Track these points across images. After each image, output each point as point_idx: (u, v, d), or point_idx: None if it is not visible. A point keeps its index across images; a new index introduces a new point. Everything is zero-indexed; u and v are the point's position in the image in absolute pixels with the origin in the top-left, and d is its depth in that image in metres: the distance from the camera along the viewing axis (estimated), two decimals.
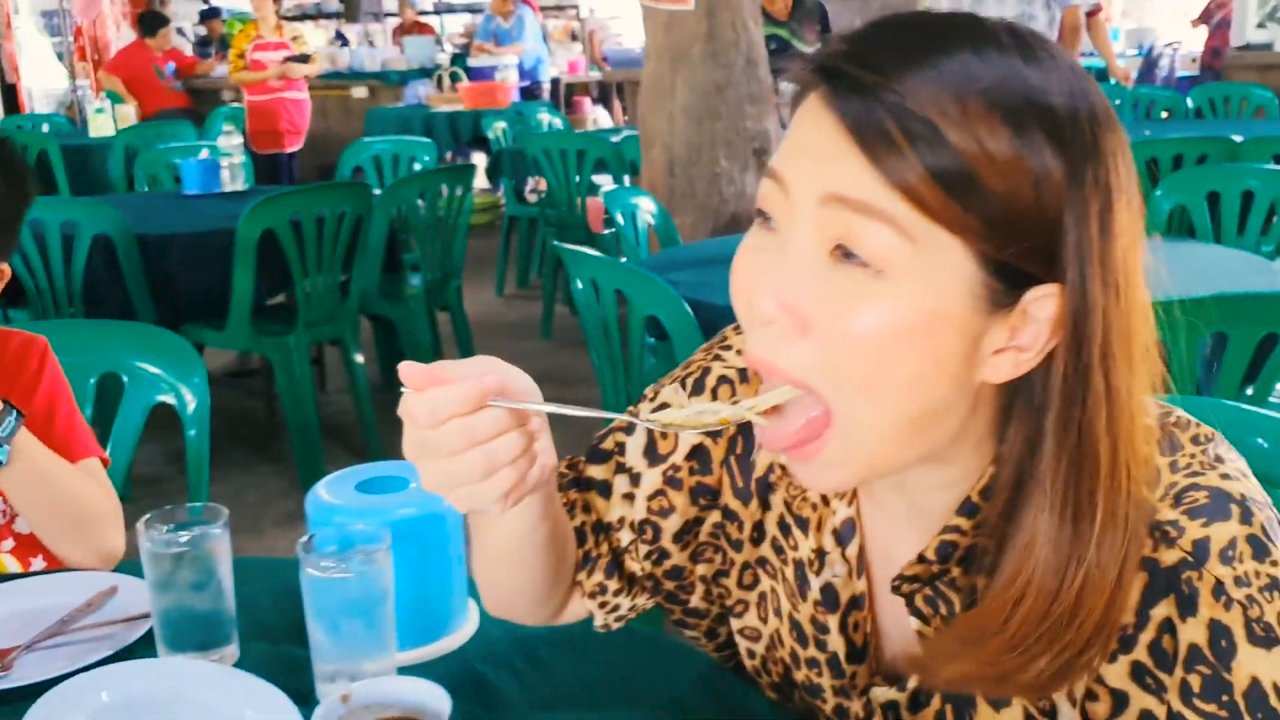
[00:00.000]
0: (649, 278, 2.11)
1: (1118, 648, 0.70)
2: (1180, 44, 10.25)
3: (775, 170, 0.70)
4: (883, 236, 0.65)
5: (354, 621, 0.94)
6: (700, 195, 3.52)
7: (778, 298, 0.67)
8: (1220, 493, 0.69)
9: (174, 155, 4.78)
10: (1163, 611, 0.69)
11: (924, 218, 0.64)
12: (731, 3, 3.42)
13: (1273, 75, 6.48)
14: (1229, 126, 4.89)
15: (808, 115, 0.68)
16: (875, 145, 0.64)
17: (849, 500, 0.83)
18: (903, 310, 0.65)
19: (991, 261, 0.65)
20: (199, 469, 1.69)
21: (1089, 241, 0.65)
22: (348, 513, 1.02)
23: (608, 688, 0.98)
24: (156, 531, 1.02)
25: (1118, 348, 0.67)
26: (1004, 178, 0.64)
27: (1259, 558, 0.67)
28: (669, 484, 0.91)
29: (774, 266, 0.68)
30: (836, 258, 0.66)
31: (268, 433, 4.02)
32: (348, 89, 8.99)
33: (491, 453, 0.70)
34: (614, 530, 0.93)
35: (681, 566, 0.93)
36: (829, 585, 0.84)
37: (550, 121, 6.58)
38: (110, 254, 3.17)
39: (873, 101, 0.64)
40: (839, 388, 0.68)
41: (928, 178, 0.63)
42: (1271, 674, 0.66)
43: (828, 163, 0.66)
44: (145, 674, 0.98)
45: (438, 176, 3.95)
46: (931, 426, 0.70)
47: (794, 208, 0.68)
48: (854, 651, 0.85)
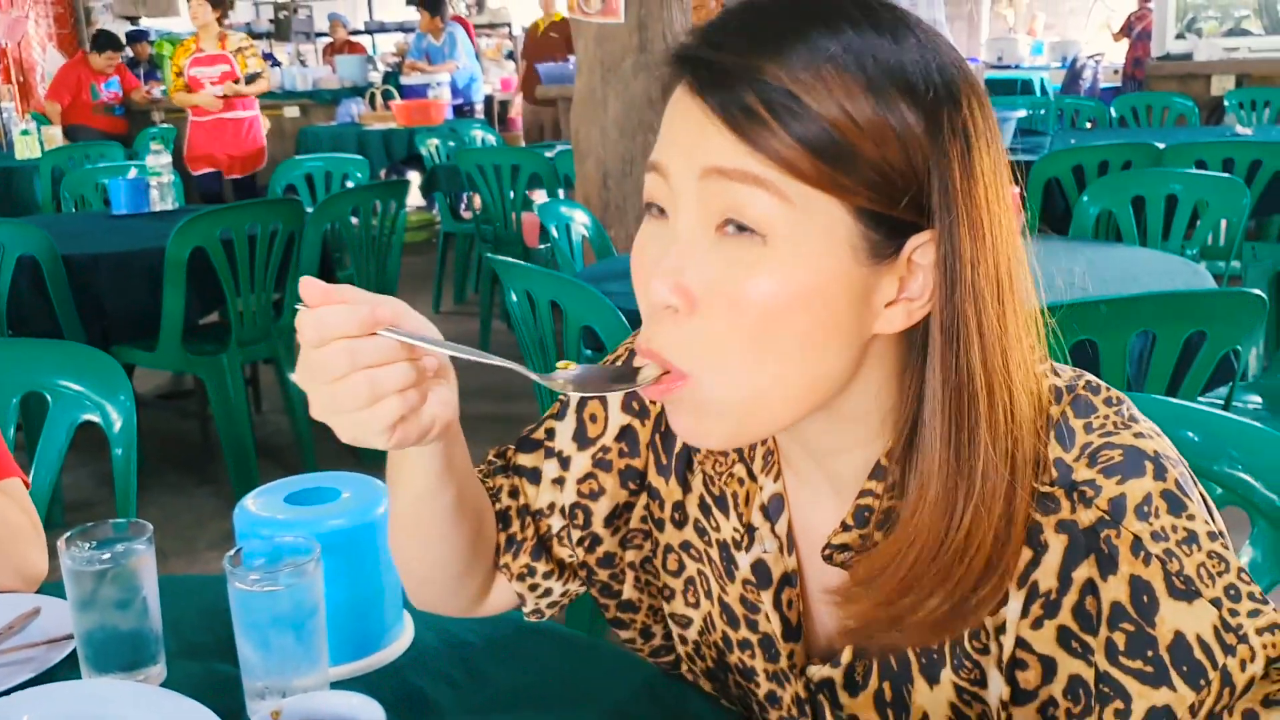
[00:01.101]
0: (583, 288, 2.11)
1: (1042, 613, 0.71)
2: (1103, 56, 10.48)
3: (654, 162, 0.72)
4: (761, 202, 0.67)
5: (284, 636, 0.92)
6: (634, 207, 3.52)
7: (669, 280, 0.69)
8: (1134, 450, 0.70)
9: (101, 175, 4.70)
10: (1084, 573, 0.70)
11: (798, 182, 0.66)
12: (662, 15, 3.44)
13: (1193, 85, 6.63)
14: (1152, 134, 5.00)
15: (676, 107, 0.71)
16: (742, 123, 0.66)
17: (775, 475, 0.84)
18: (789, 272, 0.67)
19: (867, 214, 0.68)
20: (126, 489, 1.65)
21: (952, 187, 0.68)
22: (276, 525, 0.99)
23: (546, 697, 0.97)
24: (78, 549, 0.99)
25: (985, 287, 0.69)
26: (868, 138, 0.66)
27: (1174, 512, 0.68)
28: (598, 466, 0.92)
29: (664, 252, 0.70)
30: (722, 233, 0.68)
31: (202, 454, 3.96)
32: (280, 108, 8.90)
33: (376, 379, 0.69)
34: (543, 516, 0.93)
35: (613, 553, 0.93)
36: (760, 561, 0.84)
37: (484, 138, 6.57)
38: (36, 275, 3.10)
39: (734, 83, 0.67)
40: (717, 363, 0.70)
41: (797, 147, 0.66)
42: (1194, 626, 0.67)
43: (701, 142, 0.68)
44: (68, 696, 0.95)
45: (371, 192, 3.92)
46: (821, 382, 0.71)
47: (676, 191, 0.70)
48: (789, 630, 0.84)
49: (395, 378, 0.70)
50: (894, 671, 0.79)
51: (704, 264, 0.69)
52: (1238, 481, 1.09)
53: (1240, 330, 1.83)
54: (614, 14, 3.37)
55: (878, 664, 0.80)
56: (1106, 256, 2.52)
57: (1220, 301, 1.90)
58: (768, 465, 0.84)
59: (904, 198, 0.68)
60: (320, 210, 3.63)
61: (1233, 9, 7.20)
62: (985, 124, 0.70)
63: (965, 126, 0.69)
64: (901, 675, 0.79)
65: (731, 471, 0.86)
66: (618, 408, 0.92)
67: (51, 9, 10.02)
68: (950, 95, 0.69)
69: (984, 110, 0.71)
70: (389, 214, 3.89)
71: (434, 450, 0.79)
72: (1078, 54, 10.52)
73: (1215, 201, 3.18)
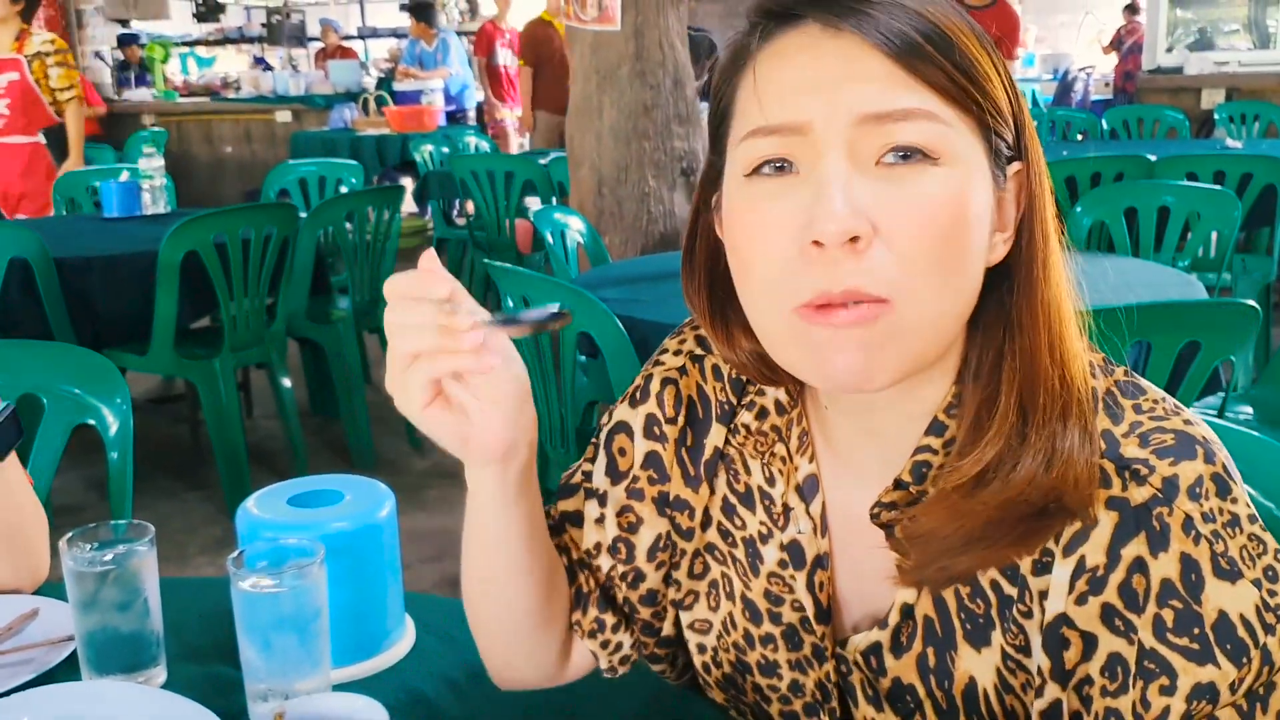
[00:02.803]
0: (580, 294, 2.11)
1: (1087, 589, 0.71)
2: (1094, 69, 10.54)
3: (782, 124, 0.70)
4: (925, 129, 0.69)
5: (287, 638, 0.92)
6: (629, 215, 3.52)
7: (849, 205, 0.68)
8: (1185, 435, 0.72)
9: (93, 178, 4.68)
10: (1134, 550, 0.70)
11: (947, 105, 0.70)
12: (659, 23, 3.44)
13: (1183, 98, 6.67)
14: (1143, 146, 5.02)
15: (801, 51, 0.71)
16: (900, 51, 0.69)
17: (810, 457, 0.84)
18: (955, 189, 0.70)
19: (989, 135, 0.72)
20: (121, 493, 1.65)
21: (1028, 125, 0.75)
22: (279, 527, 0.99)
23: (548, 701, 0.97)
24: (80, 550, 0.99)
25: (1050, 227, 0.74)
26: (983, 59, 0.71)
27: (1222, 495, 0.70)
28: (632, 497, 0.91)
29: (828, 184, 0.69)
30: (883, 165, 0.69)
31: (193, 459, 3.94)
32: (271, 113, 8.91)
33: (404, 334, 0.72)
34: (593, 558, 0.93)
35: (655, 590, 0.92)
36: (795, 542, 0.85)
37: (478, 145, 6.57)
38: (27, 278, 3.09)
39: (880, 11, 0.69)
40: (912, 283, 0.69)
41: (948, 68, 0.69)
42: (1238, 606, 0.69)
43: (853, 84, 0.69)
44: (69, 698, 0.94)
45: (365, 198, 3.92)
46: (968, 309, 0.74)
47: (821, 141, 0.70)
48: (820, 611, 0.85)
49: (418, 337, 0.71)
50: (938, 637, 0.79)
51: (876, 190, 0.69)
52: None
53: (1234, 341, 1.84)
54: (610, 22, 3.37)
55: (922, 629, 0.80)
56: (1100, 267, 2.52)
57: (1215, 312, 1.92)
58: (802, 446, 0.85)
59: (1008, 121, 0.73)
60: (315, 215, 3.62)
61: (1222, 24, 7.24)
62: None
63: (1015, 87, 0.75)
64: (946, 641, 0.79)
65: (773, 450, 0.87)
66: (641, 435, 0.92)
67: (42, 11, 9.98)
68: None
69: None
70: (383, 220, 3.88)
71: (501, 492, 0.81)
72: (1069, 67, 10.57)
73: (1207, 214, 3.20)
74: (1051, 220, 0.75)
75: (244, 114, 9.05)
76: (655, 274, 2.69)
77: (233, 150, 9.01)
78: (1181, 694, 0.69)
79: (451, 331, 0.70)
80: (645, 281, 2.60)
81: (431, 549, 2.97)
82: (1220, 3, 7.26)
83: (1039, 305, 0.73)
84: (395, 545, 1.05)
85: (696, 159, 3.60)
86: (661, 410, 0.91)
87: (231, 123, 9.03)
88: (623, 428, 0.92)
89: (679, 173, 3.55)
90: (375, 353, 4.29)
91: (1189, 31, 7.27)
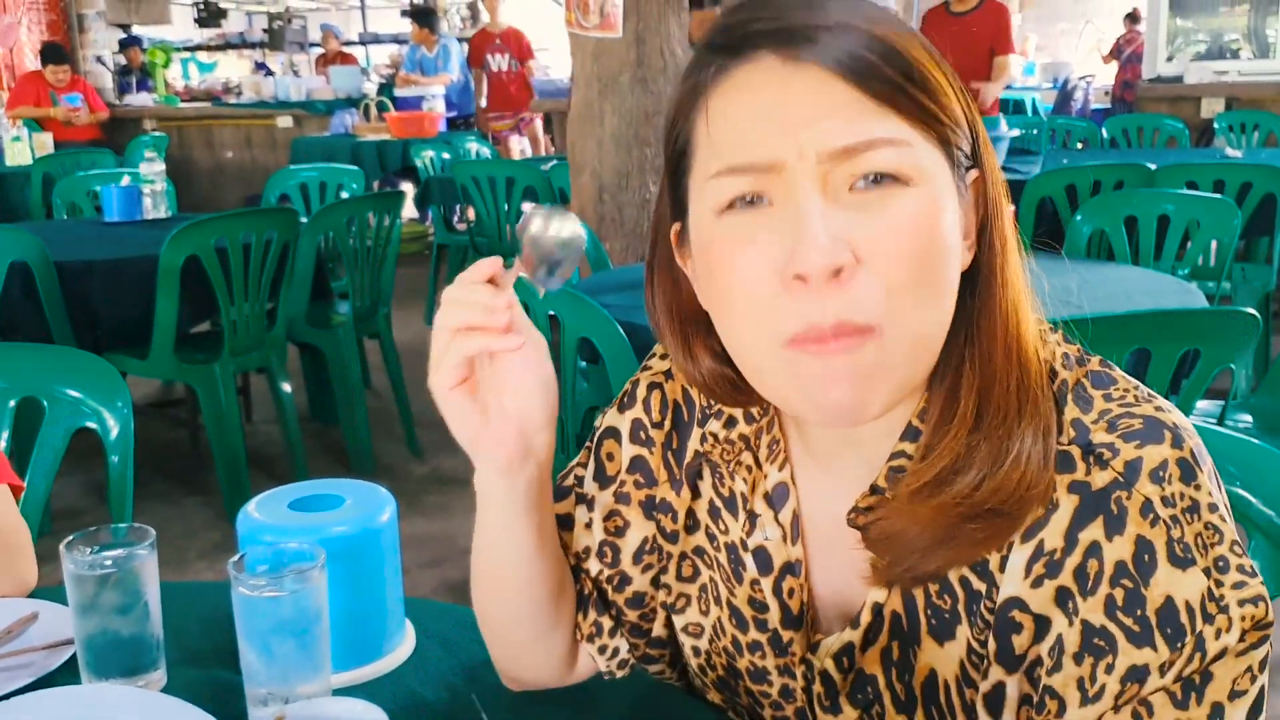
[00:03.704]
0: (581, 299, 2.11)
1: (1044, 572, 0.72)
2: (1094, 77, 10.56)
3: (751, 163, 0.70)
4: (894, 155, 0.69)
5: (287, 642, 0.92)
6: (630, 221, 3.53)
7: (829, 235, 0.68)
8: (1154, 420, 0.72)
9: (94, 183, 4.69)
10: (1090, 535, 0.71)
11: (911, 126, 0.70)
12: (660, 30, 3.45)
13: (1183, 107, 6.67)
14: (1143, 155, 5.03)
15: (763, 87, 0.70)
16: (864, 77, 0.69)
17: (781, 465, 0.85)
18: (927, 207, 0.70)
19: (948, 148, 0.72)
20: (121, 497, 1.65)
21: (980, 133, 0.75)
22: (280, 531, 0.99)
23: (548, 705, 0.97)
24: (80, 553, 0.98)
25: (1007, 233, 0.75)
26: (935, 72, 0.71)
27: (1185, 481, 0.70)
28: (619, 501, 0.92)
29: (807, 219, 0.68)
30: (856, 191, 0.70)
31: (192, 464, 3.94)
32: (272, 118, 8.92)
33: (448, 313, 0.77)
34: (583, 561, 0.94)
35: (642, 593, 0.93)
36: (761, 548, 0.85)
37: (479, 150, 6.57)
38: (28, 282, 3.09)
39: (839, 40, 0.69)
40: (897, 308, 0.69)
41: (905, 88, 0.69)
42: (1184, 593, 0.69)
43: (820, 120, 0.69)
44: (68, 702, 0.94)
45: (366, 203, 3.92)
46: (945, 333, 0.74)
47: (794, 177, 0.69)
48: (789, 617, 0.85)
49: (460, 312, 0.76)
50: (903, 632, 0.80)
51: (852, 219, 0.69)
52: (1235, 498, 1.10)
53: (1234, 348, 1.84)
54: (612, 29, 3.38)
55: (889, 623, 0.80)
56: (1100, 275, 2.53)
57: (1215, 320, 1.92)
58: (773, 454, 0.85)
59: (965, 131, 0.73)
60: (315, 220, 3.62)
61: (1222, 33, 7.25)
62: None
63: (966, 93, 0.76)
64: (910, 636, 0.80)
65: (739, 459, 0.87)
66: (628, 440, 0.92)
67: (44, 15, 10.01)
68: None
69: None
70: (384, 225, 3.88)
71: (510, 503, 0.83)
72: (1069, 75, 10.59)
73: (1207, 222, 3.20)
74: (1009, 225, 0.76)
75: (245, 119, 9.06)
76: None
77: (234, 155, 9.02)
78: (1117, 673, 0.69)
79: (490, 310, 0.75)
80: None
81: (431, 555, 2.94)
82: (1220, 12, 7.27)
83: (996, 311, 0.74)
84: (396, 550, 1.05)
85: None
86: (648, 415, 0.92)
87: (232, 128, 9.05)
88: (611, 433, 0.93)
89: None
90: (375, 358, 4.29)
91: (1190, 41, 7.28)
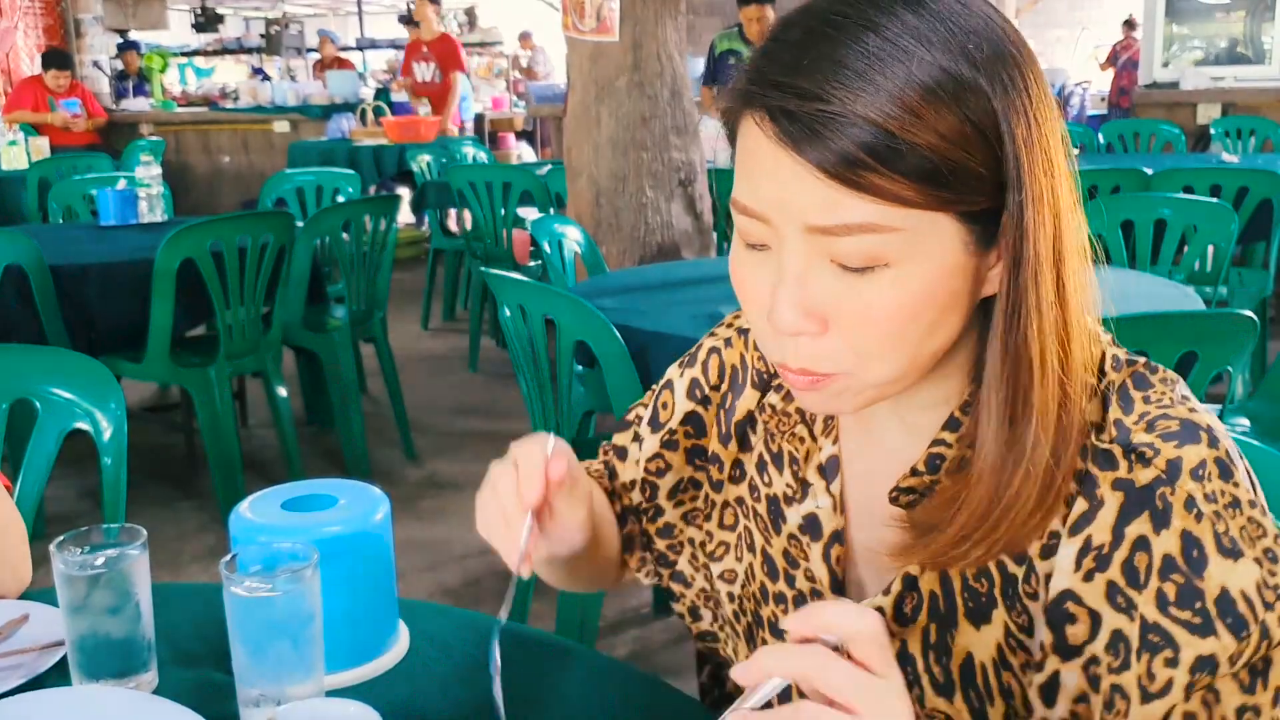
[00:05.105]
0: (577, 302, 2.10)
1: (1094, 566, 0.74)
2: (1090, 84, 10.58)
3: (748, 207, 0.73)
4: (871, 241, 0.69)
5: (280, 642, 0.91)
6: (626, 226, 3.52)
7: (797, 310, 0.72)
8: (1189, 422, 0.74)
9: (89, 186, 4.68)
10: (1137, 529, 0.73)
11: (903, 209, 0.68)
12: (657, 34, 3.45)
13: (1179, 112, 6.68)
14: (1140, 160, 5.04)
15: (762, 153, 0.71)
16: (845, 174, 0.67)
17: (834, 438, 0.89)
18: (913, 287, 0.71)
19: (969, 215, 0.71)
20: (115, 499, 1.64)
21: (1016, 166, 0.70)
22: (273, 531, 0.98)
23: (540, 706, 0.96)
24: (70, 554, 0.98)
25: (1045, 261, 0.72)
26: (957, 147, 0.68)
27: (1224, 478, 0.72)
28: (665, 447, 1.00)
29: (784, 283, 0.72)
30: (838, 265, 0.71)
31: (188, 468, 3.93)
32: (269, 123, 8.92)
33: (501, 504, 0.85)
34: (628, 490, 1.03)
35: (672, 524, 1.02)
36: (813, 515, 0.89)
37: (475, 155, 6.57)
38: (23, 285, 3.08)
39: (829, 133, 0.67)
40: (866, 363, 0.74)
41: (902, 180, 0.67)
42: (1239, 583, 0.71)
43: (799, 195, 0.69)
44: (59, 703, 0.94)
45: (362, 207, 3.91)
46: (945, 346, 0.76)
47: (780, 234, 0.72)
48: (835, 582, 0.88)
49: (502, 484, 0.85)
50: (941, 614, 0.82)
51: (827, 290, 0.72)
52: None
53: (1231, 351, 1.84)
54: (609, 32, 3.38)
55: (927, 604, 0.82)
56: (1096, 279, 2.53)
57: (1212, 322, 1.92)
58: (828, 429, 0.89)
59: (988, 190, 0.70)
60: (311, 224, 3.61)
61: (1219, 39, 7.26)
62: (1040, 93, 0.72)
63: (1027, 102, 0.71)
64: (948, 618, 0.81)
65: (794, 431, 0.91)
66: (684, 395, 1.00)
67: (41, 20, 10.00)
68: (1006, 74, 0.70)
69: (1037, 80, 0.72)
70: (380, 229, 3.87)
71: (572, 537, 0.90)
72: (1065, 81, 10.61)
73: (1204, 226, 3.20)
74: (1050, 246, 0.72)
75: (242, 124, 9.06)
76: (653, 284, 2.69)
77: (230, 160, 9.02)
78: (1185, 666, 0.71)
79: (515, 507, 0.83)
80: (642, 291, 2.59)
81: (426, 559, 2.94)
82: (1217, 19, 7.28)
83: (1029, 337, 0.73)
84: (390, 550, 1.04)
85: (694, 170, 3.60)
86: (705, 376, 0.99)
87: (229, 133, 9.04)
88: (669, 385, 1.02)
89: (676, 183, 3.55)
90: (371, 362, 4.28)
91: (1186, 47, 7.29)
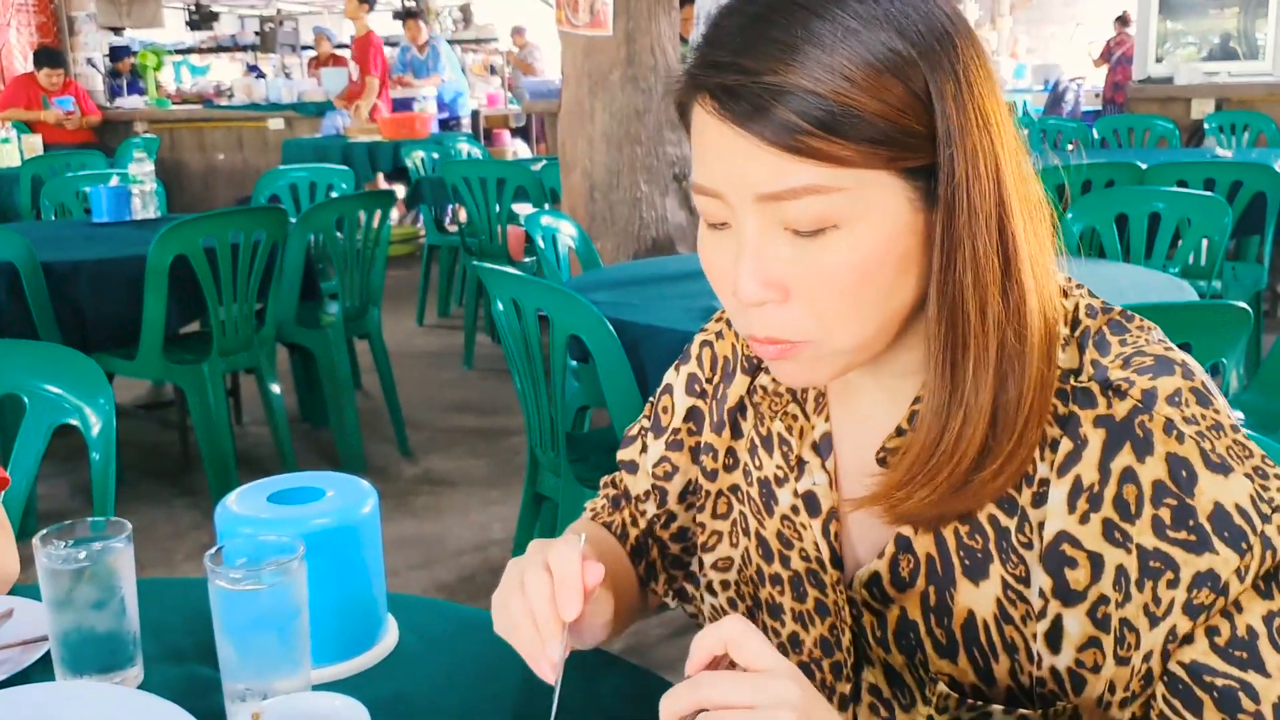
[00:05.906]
0: (571, 296, 2.10)
1: (1087, 507, 0.74)
2: (1084, 79, 10.58)
3: (704, 186, 0.76)
4: (819, 203, 0.72)
5: (266, 636, 0.90)
6: (621, 220, 3.52)
7: (756, 280, 0.75)
8: (1164, 358, 0.76)
9: (83, 183, 4.66)
10: (1122, 462, 0.73)
11: (846, 170, 0.71)
12: (650, 28, 3.44)
13: (1173, 107, 6.68)
14: (1134, 155, 5.03)
15: (710, 133, 0.74)
16: (789, 142, 0.70)
17: (826, 416, 0.90)
18: (864, 247, 0.73)
19: (911, 170, 0.73)
20: (104, 493, 1.63)
21: (950, 124, 0.72)
22: (259, 524, 0.98)
23: (528, 701, 0.95)
24: (54, 548, 0.97)
25: (982, 215, 0.74)
26: (893, 108, 0.71)
27: (1202, 405, 0.74)
28: (670, 449, 1.02)
29: (743, 256, 0.75)
30: (791, 232, 0.74)
31: (181, 465, 3.92)
32: (264, 120, 8.90)
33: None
34: (641, 504, 1.04)
35: (686, 527, 1.03)
36: (811, 493, 0.90)
37: (470, 151, 6.56)
38: (14, 282, 3.07)
39: (770, 105, 0.70)
40: (830, 327, 0.76)
41: (845, 143, 0.70)
42: (1232, 496, 0.71)
43: (747, 167, 0.73)
44: (42, 699, 0.93)
45: (356, 202, 3.89)
46: (909, 307, 0.77)
47: (735, 209, 0.75)
48: (835, 557, 0.89)
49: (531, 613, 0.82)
50: (938, 575, 0.83)
51: (784, 258, 0.74)
52: None
53: (1225, 342, 1.84)
54: (602, 27, 3.37)
55: (925, 566, 0.83)
56: (1091, 273, 2.52)
57: (1206, 313, 1.91)
58: (819, 406, 0.90)
59: (933, 146, 0.73)
60: (304, 220, 3.60)
61: (1212, 34, 7.26)
62: (974, 55, 0.74)
63: (958, 66, 0.73)
64: (945, 579, 0.82)
65: (786, 410, 0.92)
66: (683, 392, 1.01)
67: (34, 18, 9.97)
68: (944, 39, 0.73)
69: (972, 45, 0.75)
70: (373, 225, 3.86)
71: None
72: (1059, 77, 10.61)
73: (1198, 220, 3.20)
74: (989, 199, 0.74)
75: (236, 121, 9.04)
76: (647, 278, 2.68)
77: (225, 157, 8.99)
78: (1183, 585, 0.71)
79: (550, 618, 0.81)
80: (637, 285, 2.59)
81: (419, 556, 2.93)
82: (1210, 14, 7.28)
83: (967, 280, 0.74)
84: (378, 543, 1.03)
85: (688, 164, 3.58)
86: (701, 369, 1.01)
87: (224, 130, 9.02)
88: (667, 389, 1.03)
89: (671, 178, 3.54)
90: (365, 359, 4.27)
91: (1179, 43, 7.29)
